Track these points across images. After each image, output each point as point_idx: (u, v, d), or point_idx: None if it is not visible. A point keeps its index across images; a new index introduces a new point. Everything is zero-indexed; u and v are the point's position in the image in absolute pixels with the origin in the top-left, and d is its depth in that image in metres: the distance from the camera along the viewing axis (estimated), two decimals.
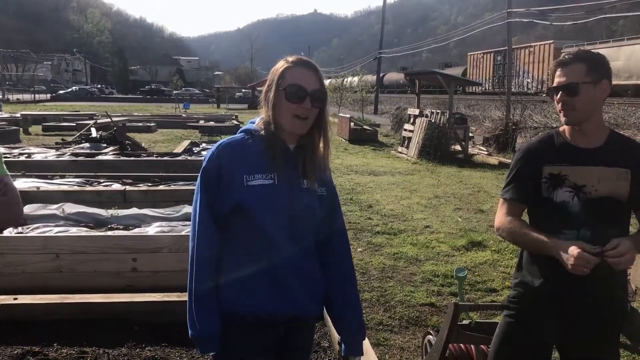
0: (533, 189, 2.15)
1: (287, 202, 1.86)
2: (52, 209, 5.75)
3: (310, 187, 1.91)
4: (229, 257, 1.90)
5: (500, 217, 2.24)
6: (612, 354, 2.17)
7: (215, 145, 1.93)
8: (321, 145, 1.95)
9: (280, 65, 1.91)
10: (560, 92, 2.07)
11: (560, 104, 2.08)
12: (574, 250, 1.92)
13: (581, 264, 1.91)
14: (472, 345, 3.07)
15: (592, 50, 2.16)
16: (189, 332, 1.87)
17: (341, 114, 23.58)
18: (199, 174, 1.90)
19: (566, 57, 2.10)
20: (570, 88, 2.05)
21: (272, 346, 1.95)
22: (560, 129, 2.21)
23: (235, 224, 1.88)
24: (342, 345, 2.05)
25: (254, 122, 1.99)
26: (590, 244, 2.00)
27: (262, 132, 1.91)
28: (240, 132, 1.96)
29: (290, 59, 1.92)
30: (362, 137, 19.47)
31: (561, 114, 2.10)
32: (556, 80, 2.10)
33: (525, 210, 2.27)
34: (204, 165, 1.89)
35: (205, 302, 1.86)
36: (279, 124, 1.89)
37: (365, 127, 21.03)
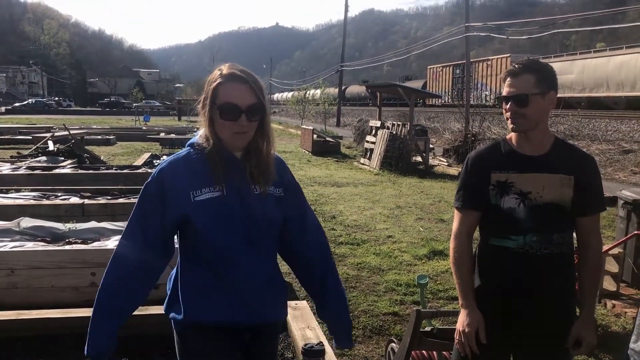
0: (482, 196, 2.21)
1: (239, 210, 1.85)
2: (7, 223, 5.58)
3: (264, 192, 1.90)
4: (187, 269, 1.91)
5: (455, 230, 2.30)
6: (564, 357, 2.23)
7: (161, 163, 1.93)
8: (265, 149, 1.93)
9: (214, 78, 1.87)
10: (511, 102, 2.14)
11: (509, 113, 2.15)
12: (468, 329, 2.16)
13: (463, 341, 2.17)
14: (434, 352, 3.11)
15: (541, 61, 2.23)
16: (86, 347, 1.92)
17: (304, 126, 23.64)
18: (141, 190, 1.91)
19: (516, 66, 2.17)
20: (520, 99, 2.11)
21: (239, 351, 1.95)
22: (507, 136, 2.28)
23: (189, 237, 1.87)
24: (333, 339, 2.12)
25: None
26: (536, 248, 2.12)
27: (205, 144, 1.89)
28: (187, 145, 1.95)
29: (224, 71, 1.87)
30: (325, 149, 19.55)
31: (509, 122, 2.17)
32: (506, 89, 2.16)
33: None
34: (147, 181, 1.90)
35: (102, 317, 1.91)
36: (219, 138, 1.87)
37: (328, 139, 21.15)
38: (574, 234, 2.26)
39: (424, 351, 3.15)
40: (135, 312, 3.94)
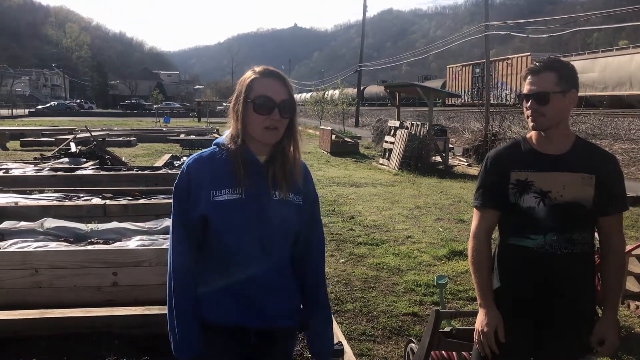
0: (501, 195, 2.20)
1: (255, 215, 1.85)
2: (31, 224, 5.67)
3: (283, 198, 1.89)
4: (199, 268, 1.91)
5: (474, 230, 2.29)
6: (584, 358, 2.21)
7: (187, 160, 1.94)
8: (292, 153, 1.93)
9: (248, 76, 1.89)
10: (531, 100, 2.12)
11: (529, 111, 2.13)
12: (487, 329, 2.16)
13: (482, 341, 2.16)
14: (453, 352, 3.09)
15: (562, 59, 2.21)
16: (174, 352, 1.87)
17: (322, 127, 23.66)
18: (173, 191, 1.91)
19: (537, 64, 2.15)
20: (541, 97, 2.10)
21: (243, 353, 1.95)
22: (527, 135, 2.27)
23: (206, 237, 1.88)
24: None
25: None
26: (556, 248, 2.10)
27: (230, 145, 1.89)
28: (214, 144, 1.96)
29: (257, 69, 1.90)
30: (343, 149, 19.56)
31: (529, 120, 2.16)
32: (527, 87, 2.14)
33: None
34: (176, 182, 1.90)
35: (187, 320, 1.87)
36: (249, 135, 1.88)
37: (346, 139, 21.14)
38: (596, 234, 2.23)
39: (443, 351, 3.14)
40: (156, 312, 3.99)
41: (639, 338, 4.34)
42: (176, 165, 13.01)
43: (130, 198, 7.45)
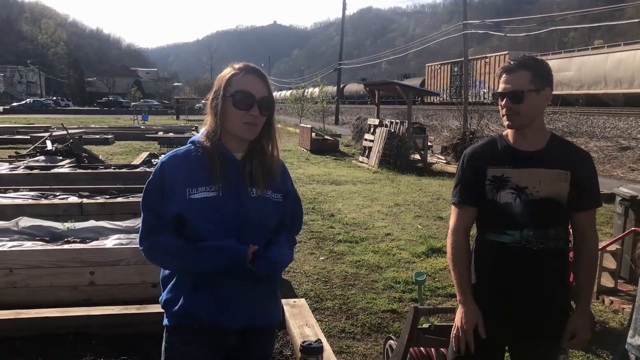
0: (478, 192, 2.22)
1: (233, 212, 1.84)
2: (6, 223, 5.58)
3: (260, 195, 1.88)
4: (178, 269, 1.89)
5: (452, 226, 2.31)
6: (558, 351, 2.24)
7: (162, 158, 1.91)
8: (270, 150, 1.93)
9: (227, 72, 1.88)
10: (506, 99, 2.14)
11: (504, 109, 2.16)
12: (466, 325, 2.18)
13: (460, 336, 2.19)
14: (432, 349, 3.12)
15: (536, 57, 2.24)
16: (233, 257, 1.80)
17: (302, 125, 23.64)
18: (144, 188, 1.88)
19: (512, 63, 2.17)
20: (515, 95, 2.12)
21: (224, 353, 1.93)
22: (504, 132, 2.29)
23: (183, 235, 1.85)
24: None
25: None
26: (533, 243, 2.13)
27: (206, 142, 1.87)
28: (189, 142, 1.94)
29: (236, 65, 1.89)
30: (323, 147, 19.56)
31: (504, 119, 2.18)
32: (501, 86, 2.17)
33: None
34: (149, 179, 1.88)
35: (205, 249, 1.80)
36: (226, 131, 1.87)
37: (326, 137, 21.15)
38: (570, 229, 2.26)
39: (421, 348, 3.16)
40: (133, 311, 3.96)
41: (613, 332, 4.41)
42: (154, 163, 12.90)
43: (107, 196, 7.37)
